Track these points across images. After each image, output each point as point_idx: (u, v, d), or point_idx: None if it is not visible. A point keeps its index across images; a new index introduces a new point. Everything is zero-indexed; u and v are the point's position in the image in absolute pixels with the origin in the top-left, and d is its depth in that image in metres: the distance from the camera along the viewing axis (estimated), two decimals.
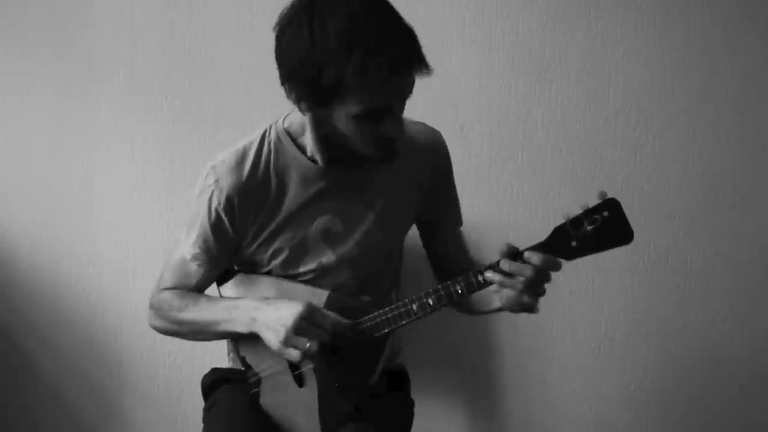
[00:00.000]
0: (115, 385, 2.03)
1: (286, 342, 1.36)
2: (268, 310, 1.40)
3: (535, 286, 1.32)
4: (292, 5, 1.28)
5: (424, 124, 1.53)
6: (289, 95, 1.31)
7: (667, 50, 1.95)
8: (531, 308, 1.36)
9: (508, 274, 1.31)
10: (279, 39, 1.30)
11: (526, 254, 1.31)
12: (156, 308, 1.53)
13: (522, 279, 1.30)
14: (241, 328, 1.44)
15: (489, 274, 1.33)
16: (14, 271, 2.00)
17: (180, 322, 1.51)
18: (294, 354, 1.37)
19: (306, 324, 1.36)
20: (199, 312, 1.48)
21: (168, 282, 1.53)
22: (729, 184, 1.98)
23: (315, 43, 1.23)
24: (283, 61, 1.29)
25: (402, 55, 1.24)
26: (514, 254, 1.32)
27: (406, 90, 1.30)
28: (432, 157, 1.54)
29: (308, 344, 1.35)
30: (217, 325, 1.47)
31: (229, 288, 1.56)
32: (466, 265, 1.55)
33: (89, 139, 1.97)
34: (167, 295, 1.52)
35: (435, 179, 1.55)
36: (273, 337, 1.38)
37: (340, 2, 1.23)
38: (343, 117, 1.29)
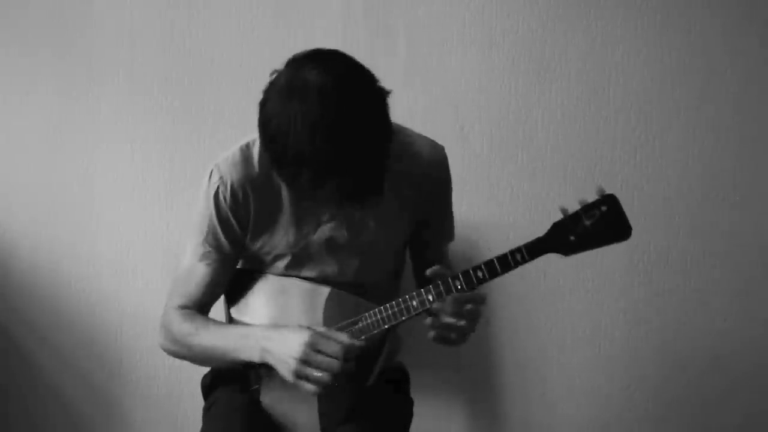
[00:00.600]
0: (115, 385, 2.03)
1: (298, 374, 1.35)
2: (277, 339, 1.39)
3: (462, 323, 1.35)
4: (274, 82, 1.28)
5: (428, 139, 1.53)
6: None
7: (667, 50, 1.95)
8: (453, 343, 1.39)
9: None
10: (260, 107, 1.30)
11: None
12: (166, 330, 1.52)
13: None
14: (254, 358, 1.42)
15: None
16: (14, 271, 2.00)
17: (189, 347, 1.49)
18: (309, 388, 1.36)
19: (314, 353, 1.35)
20: (209, 338, 1.46)
21: (178, 297, 1.52)
22: (729, 184, 1.98)
23: (278, 139, 1.24)
24: (260, 128, 1.30)
25: (351, 187, 1.26)
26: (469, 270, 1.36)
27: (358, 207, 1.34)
28: (434, 172, 1.54)
29: (319, 375, 1.35)
30: (227, 354, 1.45)
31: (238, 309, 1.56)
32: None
33: (89, 139, 1.97)
34: (177, 317, 1.50)
35: (435, 194, 1.56)
36: (285, 370, 1.37)
37: (311, 106, 1.22)
38: None
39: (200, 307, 1.52)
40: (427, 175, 1.52)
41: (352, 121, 1.23)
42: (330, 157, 1.22)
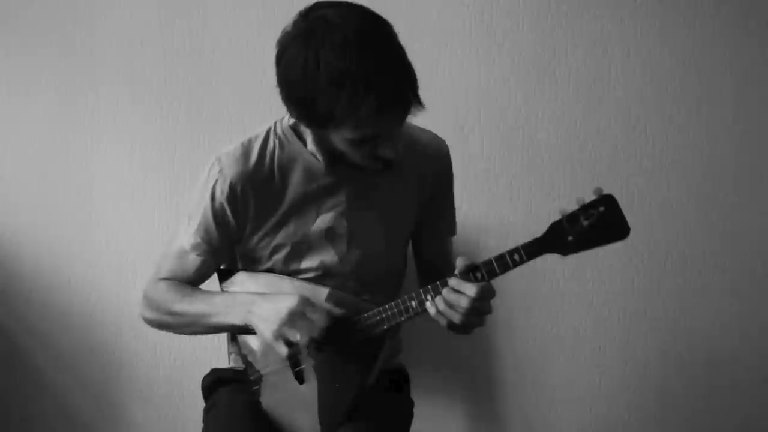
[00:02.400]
0: (115, 385, 2.03)
1: (277, 334, 1.37)
2: (264, 302, 1.40)
3: (470, 314, 1.35)
4: (290, 32, 1.29)
5: (431, 132, 1.55)
6: (290, 113, 1.35)
7: (667, 50, 1.95)
8: (461, 331, 1.40)
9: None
10: (278, 62, 1.31)
11: (452, 282, 1.34)
12: (149, 299, 1.52)
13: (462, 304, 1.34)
14: (236, 319, 1.43)
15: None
16: (14, 271, 2.00)
17: (173, 313, 1.49)
18: (282, 350, 1.38)
19: (299, 317, 1.37)
20: (193, 303, 1.47)
21: (165, 272, 1.53)
22: (729, 184, 1.98)
23: (307, 76, 1.25)
24: (281, 84, 1.31)
25: (391, 95, 1.26)
26: (469, 270, 1.35)
27: (398, 122, 1.32)
28: (436, 165, 1.55)
29: (297, 336, 1.36)
30: (210, 317, 1.46)
31: (230, 285, 1.56)
32: (449, 272, 1.58)
33: (89, 139, 1.97)
34: (163, 285, 1.51)
35: (437, 186, 1.57)
36: (266, 328, 1.38)
37: (336, 34, 1.24)
38: (338, 139, 1.33)
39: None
40: (429, 167, 1.53)
41: (372, 42, 1.25)
42: (356, 69, 1.22)
